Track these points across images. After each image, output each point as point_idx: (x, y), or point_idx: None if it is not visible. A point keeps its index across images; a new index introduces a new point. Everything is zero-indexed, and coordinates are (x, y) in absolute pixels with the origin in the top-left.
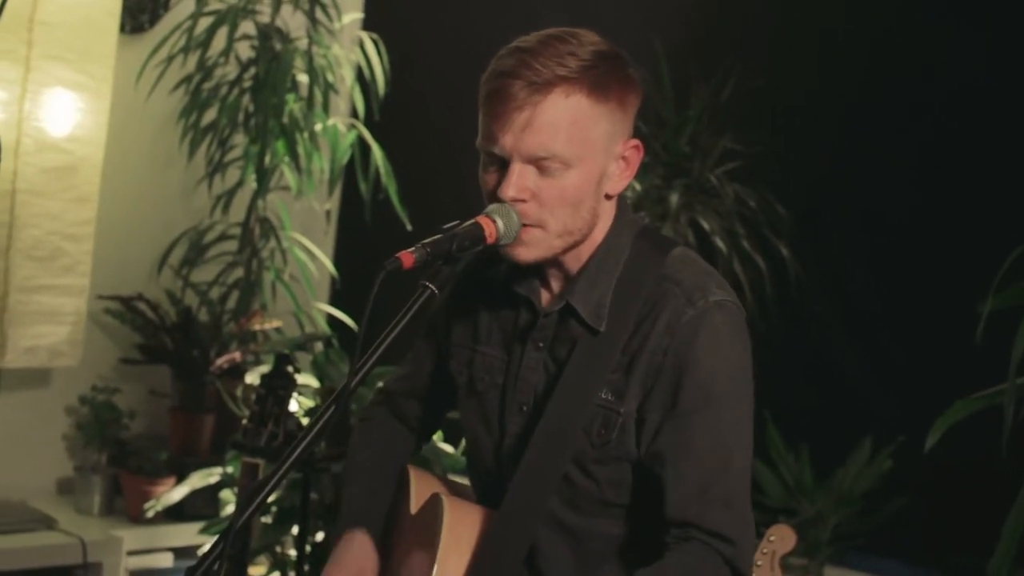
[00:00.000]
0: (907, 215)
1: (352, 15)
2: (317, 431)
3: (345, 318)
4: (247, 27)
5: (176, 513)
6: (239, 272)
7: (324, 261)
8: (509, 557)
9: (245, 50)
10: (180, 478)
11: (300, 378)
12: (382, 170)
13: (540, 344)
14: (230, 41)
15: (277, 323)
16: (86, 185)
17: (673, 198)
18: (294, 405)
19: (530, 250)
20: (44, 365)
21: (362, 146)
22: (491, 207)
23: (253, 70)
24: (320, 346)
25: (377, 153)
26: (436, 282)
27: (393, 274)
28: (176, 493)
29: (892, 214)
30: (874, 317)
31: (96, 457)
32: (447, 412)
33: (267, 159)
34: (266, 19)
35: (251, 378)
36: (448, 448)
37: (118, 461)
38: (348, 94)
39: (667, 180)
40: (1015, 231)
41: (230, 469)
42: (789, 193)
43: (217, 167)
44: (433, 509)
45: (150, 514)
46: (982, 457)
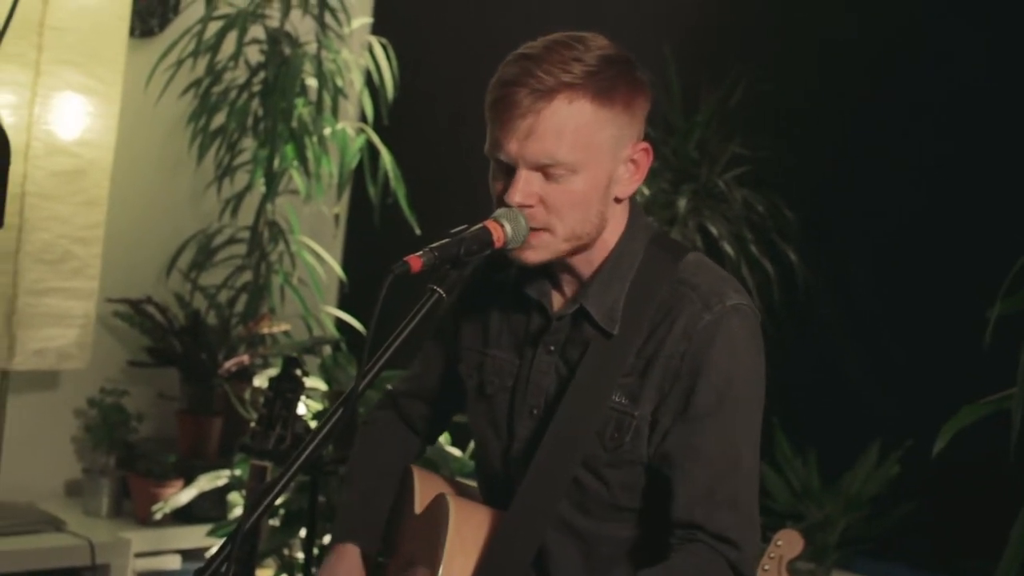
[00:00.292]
0: (915, 219)
1: (361, 19)
2: (325, 434)
3: (353, 322)
4: (256, 31)
5: (184, 515)
6: (248, 276)
7: (332, 265)
8: (516, 559)
9: (254, 54)
10: (188, 480)
11: (308, 381)
12: (391, 174)
13: (551, 348)
14: (239, 45)
15: (285, 326)
16: (95, 189)
17: (681, 203)
18: (302, 408)
19: (537, 253)
20: (53, 367)
21: (371, 150)
22: (499, 211)
23: (262, 74)
24: (328, 349)
25: (386, 157)
26: (444, 286)
27: (401, 278)
28: (184, 495)
29: (900, 218)
30: (882, 321)
31: (104, 459)
32: (453, 415)
33: (276, 163)
34: (275, 23)
35: (259, 381)
36: (456, 452)
37: (126, 463)
38: (357, 98)
39: (675, 185)
40: (1023, 235)
41: (238, 472)
42: (797, 198)
43: (226, 171)
44: (438, 509)
45: (158, 516)
46: (990, 462)
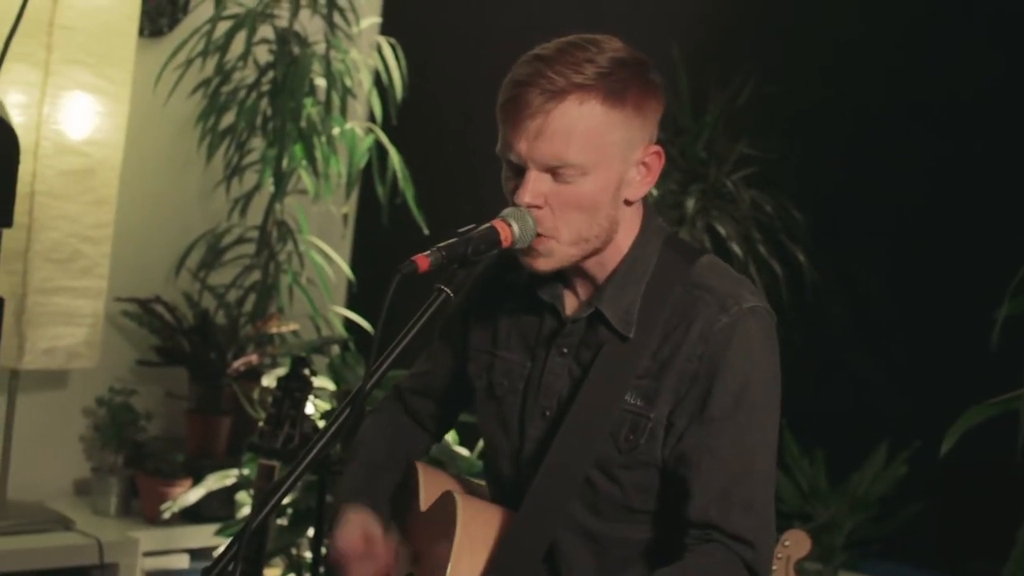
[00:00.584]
0: (923, 220)
1: (370, 19)
2: (332, 433)
3: (361, 321)
4: (265, 31)
5: (192, 515)
6: (256, 275)
7: (341, 265)
8: (526, 559)
9: (263, 54)
10: (196, 480)
11: (316, 381)
12: (399, 174)
13: (565, 350)
14: (248, 45)
15: (294, 326)
16: (104, 188)
17: (690, 203)
18: (310, 408)
19: (547, 261)
20: (62, 367)
21: (379, 150)
22: (506, 211)
23: (271, 74)
24: (336, 349)
25: (394, 157)
26: (451, 285)
27: (409, 277)
28: (192, 495)
29: (908, 219)
30: (889, 322)
31: (113, 458)
32: (460, 413)
33: (285, 163)
34: (284, 23)
35: (267, 381)
36: (464, 451)
37: (135, 462)
38: (366, 98)
39: (683, 186)
40: None
41: (246, 471)
42: (805, 198)
43: (235, 170)
44: (445, 507)
45: (166, 515)
46: (997, 462)
